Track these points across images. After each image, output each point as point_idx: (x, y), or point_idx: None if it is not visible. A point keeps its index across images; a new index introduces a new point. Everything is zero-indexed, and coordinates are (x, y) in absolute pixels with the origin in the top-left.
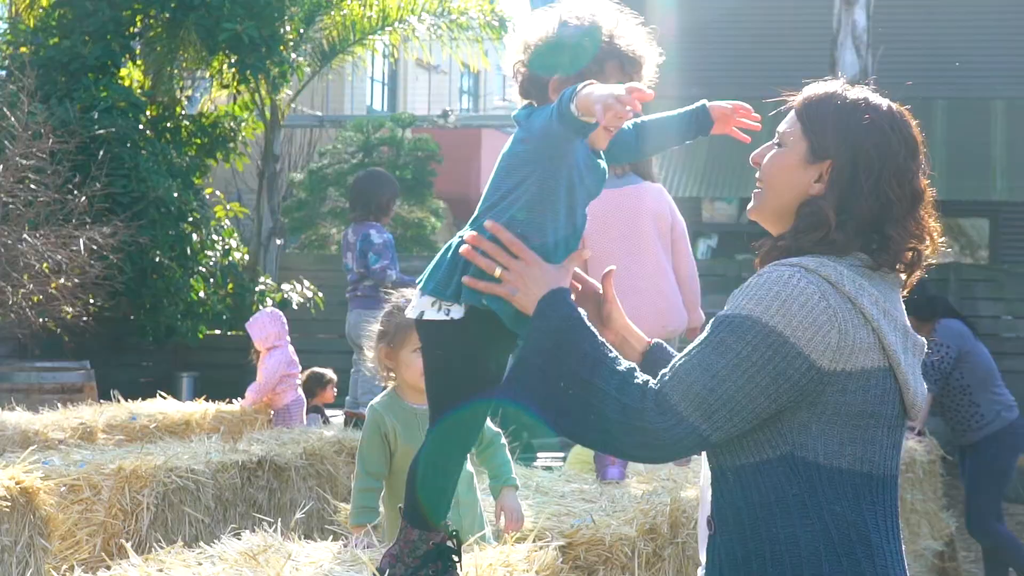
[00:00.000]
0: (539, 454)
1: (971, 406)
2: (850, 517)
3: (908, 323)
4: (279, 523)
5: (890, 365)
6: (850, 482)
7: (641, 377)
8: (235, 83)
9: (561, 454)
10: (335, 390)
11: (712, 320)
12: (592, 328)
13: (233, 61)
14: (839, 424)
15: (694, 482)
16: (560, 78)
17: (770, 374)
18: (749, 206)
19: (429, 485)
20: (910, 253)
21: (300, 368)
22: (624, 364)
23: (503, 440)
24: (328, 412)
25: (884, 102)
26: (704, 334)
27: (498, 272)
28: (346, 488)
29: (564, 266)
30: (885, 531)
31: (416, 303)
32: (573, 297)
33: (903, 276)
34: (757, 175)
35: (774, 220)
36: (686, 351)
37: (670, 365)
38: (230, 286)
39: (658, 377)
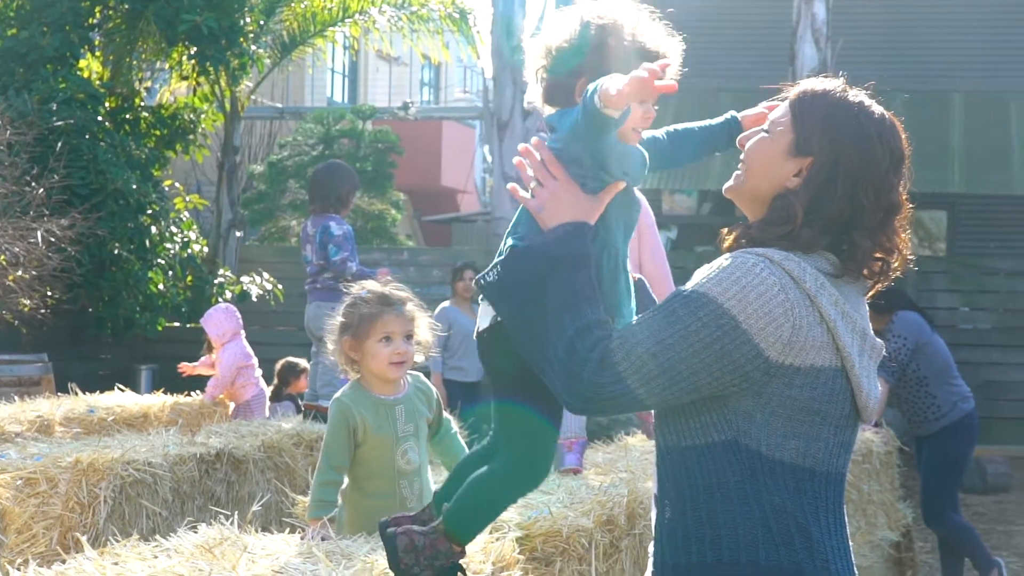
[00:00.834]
0: None
1: (928, 397)
2: (789, 509)
3: (868, 326)
4: (235, 516)
5: (843, 366)
6: (791, 475)
7: (605, 331)
8: (195, 74)
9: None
10: None
11: (671, 292)
12: (591, 273)
13: (193, 52)
14: (783, 417)
15: (652, 474)
16: (587, 80)
17: (716, 353)
18: (727, 184)
19: (483, 511)
20: (878, 263)
21: (256, 360)
22: (598, 315)
23: (454, 428)
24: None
25: (878, 110)
26: (662, 302)
27: (532, 186)
28: (304, 481)
29: (599, 197)
30: (827, 526)
31: (482, 311)
32: None
33: (868, 282)
34: (741, 156)
35: (748, 203)
36: (640, 316)
37: (625, 325)
38: (189, 278)
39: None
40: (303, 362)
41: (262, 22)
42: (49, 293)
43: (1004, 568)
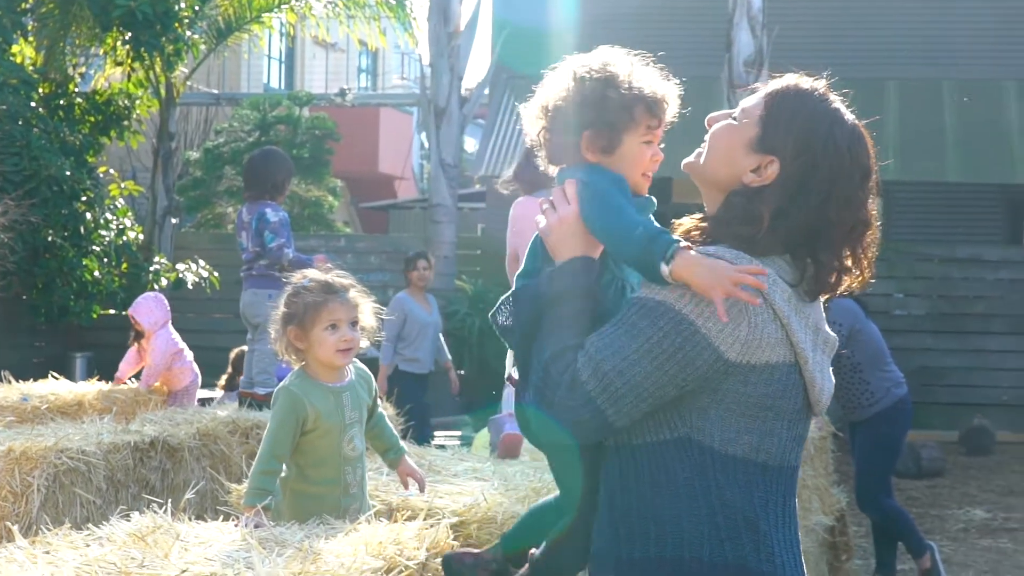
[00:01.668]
0: (435, 433)
1: (861, 383)
2: (738, 504)
3: (821, 320)
4: (169, 504)
5: (797, 361)
6: (743, 470)
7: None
8: (129, 60)
9: (457, 433)
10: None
11: (628, 299)
12: (585, 305)
13: (127, 38)
14: (738, 413)
15: None
16: (591, 133)
17: (679, 362)
18: (686, 160)
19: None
20: (833, 276)
21: (186, 346)
22: (578, 340)
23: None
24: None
25: (850, 120)
26: (620, 313)
27: (544, 208)
28: (240, 468)
29: None
30: (776, 520)
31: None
32: None
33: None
34: (706, 135)
35: (702, 184)
36: (603, 329)
37: (589, 339)
38: (124, 265)
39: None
40: None
41: (197, 7)
42: None
43: (937, 552)
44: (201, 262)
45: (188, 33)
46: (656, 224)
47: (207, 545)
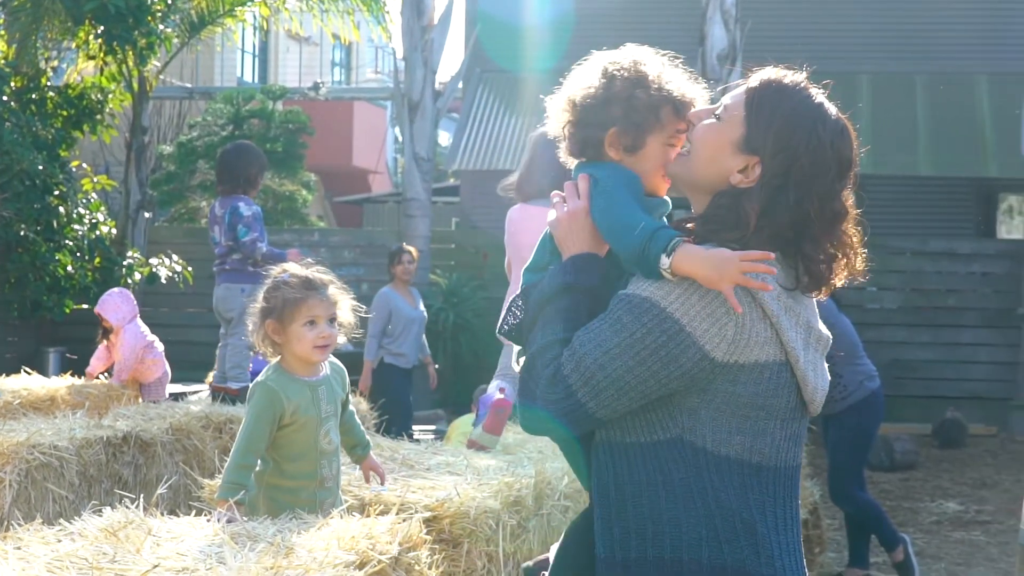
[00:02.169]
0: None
1: (834, 377)
2: (735, 506)
3: (813, 318)
4: (141, 499)
5: (788, 360)
6: (737, 471)
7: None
8: (102, 54)
9: (431, 427)
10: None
11: (615, 296)
12: (584, 301)
13: (99, 32)
14: (728, 413)
15: (561, 453)
16: (617, 131)
17: (662, 359)
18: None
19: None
20: (822, 267)
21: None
22: (568, 335)
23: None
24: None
25: (833, 113)
26: (608, 309)
27: (555, 200)
28: (213, 463)
29: None
30: (774, 522)
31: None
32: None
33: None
34: (688, 135)
35: (687, 186)
36: (589, 324)
37: (576, 334)
38: (97, 260)
39: None
40: None
41: (170, 1)
42: None
43: (910, 544)
44: (175, 257)
45: (161, 27)
46: (659, 221)
47: (179, 540)
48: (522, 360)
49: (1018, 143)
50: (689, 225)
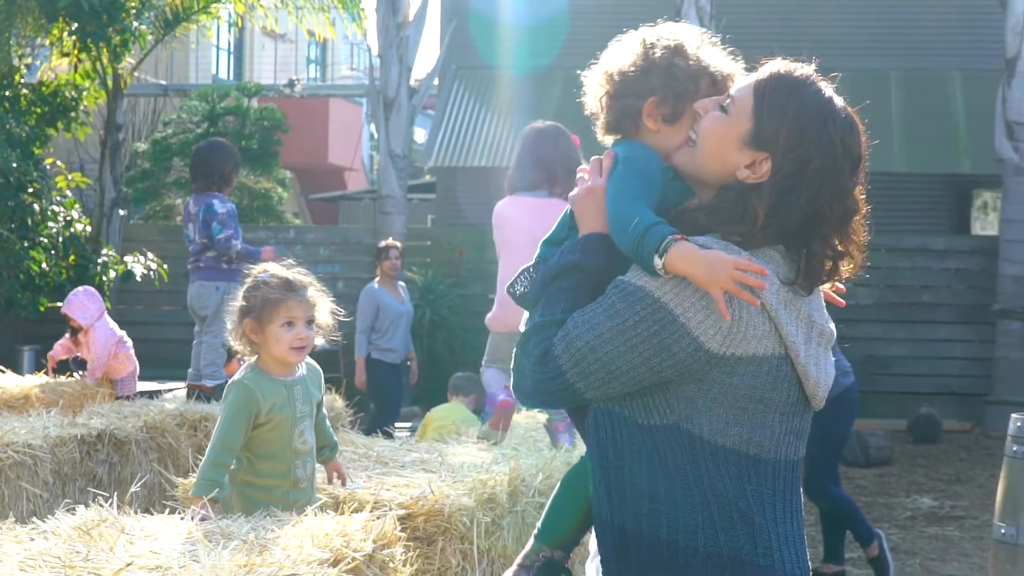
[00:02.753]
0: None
1: None
2: (731, 495)
3: (816, 312)
4: (115, 497)
5: (788, 354)
6: (734, 461)
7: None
8: (76, 51)
9: (408, 424)
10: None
11: (613, 281)
12: (591, 281)
13: (73, 29)
14: (725, 404)
15: (535, 449)
16: (656, 100)
17: (654, 347)
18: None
19: (562, 514)
20: (828, 264)
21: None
22: (565, 316)
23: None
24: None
25: (842, 108)
26: (604, 294)
27: (578, 176)
28: (188, 461)
29: None
30: (772, 514)
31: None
32: None
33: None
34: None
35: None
36: (584, 308)
37: (571, 316)
38: (72, 258)
39: None
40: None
41: None
42: None
43: (884, 540)
44: (149, 254)
45: (135, 24)
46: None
47: (153, 538)
48: (522, 328)
49: (992, 139)
50: (693, 213)
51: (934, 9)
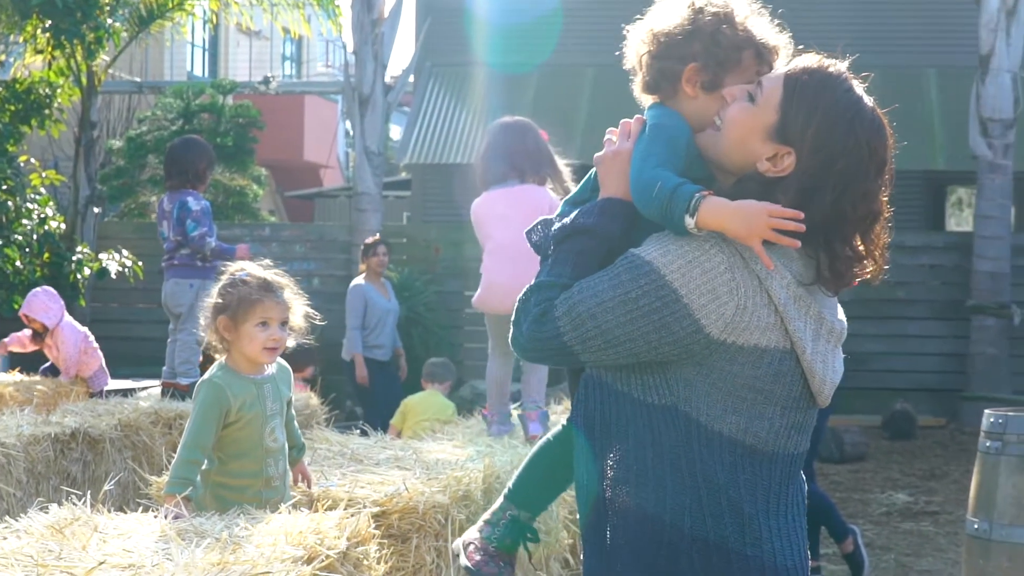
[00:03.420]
0: (362, 422)
1: None
2: (721, 482)
3: (827, 309)
4: (88, 495)
5: (793, 349)
6: (728, 449)
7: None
8: (49, 48)
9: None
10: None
11: (624, 253)
12: (602, 247)
13: (47, 26)
14: (724, 391)
15: (510, 447)
16: (698, 66)
17: (653, 323)
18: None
19: (535, 477)
20: (850, 265)
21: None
22: (570, 281)
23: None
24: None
25: (870, 108)
26: (611, 265)
27: (606, 138)
28: (162, 460)
29: None
30: (765, 505)
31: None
32: None
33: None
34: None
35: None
36: (591, 275)
37: (576, 282)
38: (46, 255)
39: None
40: None
41: None
42: None
43: (859, 535)
44: (124, 251)
45: (109, 20)
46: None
47: (126, 537)
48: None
49: (966, 136)
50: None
51: (909, 7)
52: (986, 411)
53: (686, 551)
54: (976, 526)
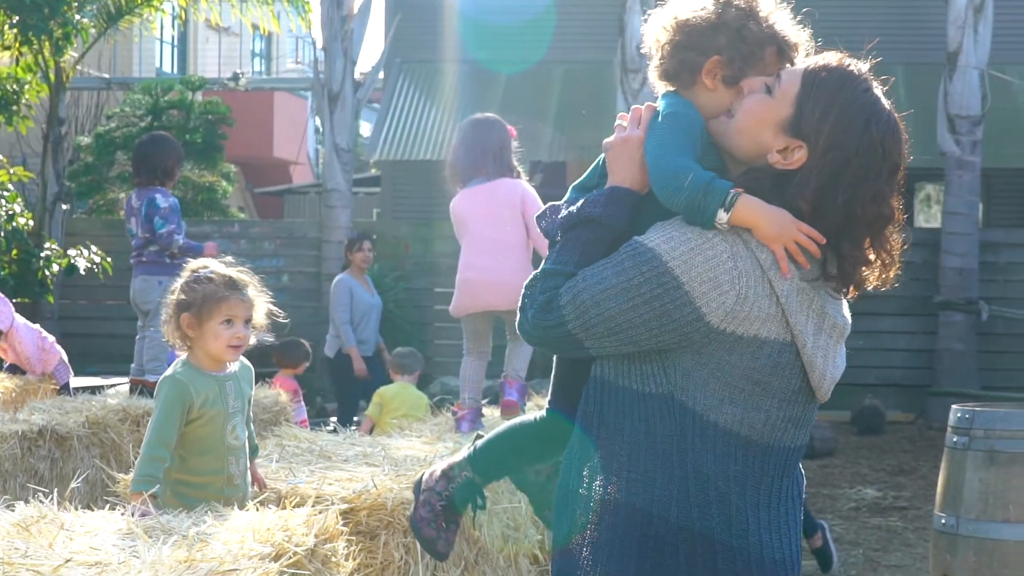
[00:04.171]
0: (331, 419)
1: None
2: (711, 473)
3: (831, 305)
4: (55, 493)
5: (795, 342)
6: (723, 440)
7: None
8: (17, 44)
9: (355, 418)
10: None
11: (628, 240)
12: (608, 237)
13: (14, 22)
14: (722, 380)
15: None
16: (721, 60)
17: (655, 310)
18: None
19: (502, 447)
20: (859, 267)
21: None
22: (575, 270)
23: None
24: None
25: (887, 110)
26: (615, 252)
27: (616, 123)
28: (131, 457)
29: None
30: (755, 498)
31: None
32: None
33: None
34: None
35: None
36: (596, 263)
37: (581, 270)
38: (15, 252)
39: None
40: None
41: None
42: None
43: (828, 530)
44: (93, 248)
45: (77, 17)
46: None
47: (93, 534)
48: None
49: (934, 133)
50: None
51: (877, 4)
52: (953, 406)
53: (672, 541)
54: (943, 521)
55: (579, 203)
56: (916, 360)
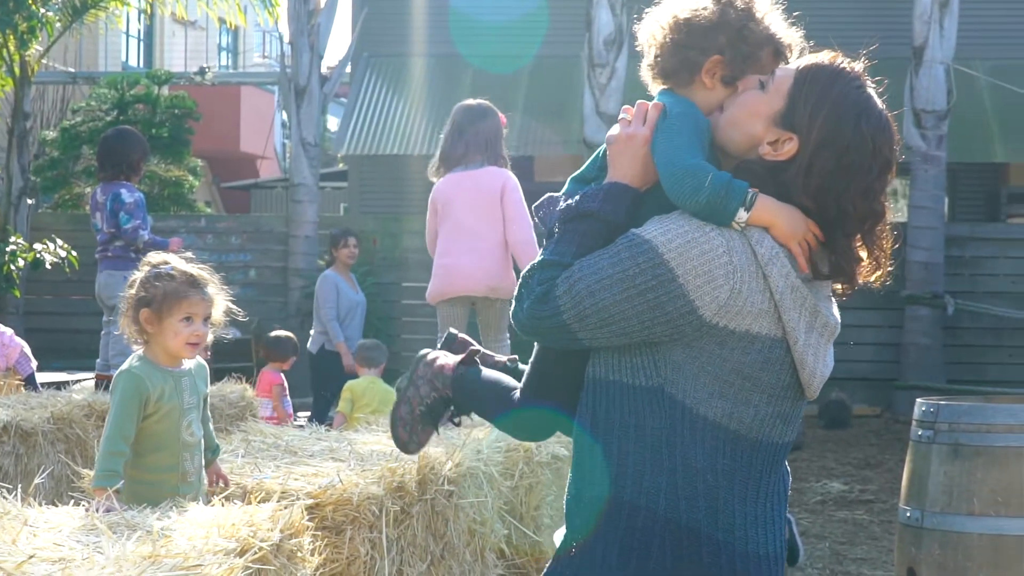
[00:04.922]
0: (299, 413)
1: None
2: (700, 467)
3: (823, 304)
4: (19, 489)
5: (785, 338)
6: (711, 434)
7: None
8: None
9: (330, 413)
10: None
11: (625, 233)
12: (606, 231)
13: None
14: (712, 374)
15: (444, 438)
16: (721, 60)
17: (649, 302)
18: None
19: (484, 394)
20: (850, 264)
21: None
22: (572, 261)
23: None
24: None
25: (879, 108)
26: (612, 243)
27: (620, 117)
28: (95, 452)
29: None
30: (743, 492)
31: None
32: None
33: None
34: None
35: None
36: (592, 254)
37: (577, 261)
38: None
39: None
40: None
41: None
42: None
43: (795, 524)
44: (59, 242)
45: (42, 10)
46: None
47: (57, 530)
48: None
49: (900, 127)
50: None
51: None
52: (918, 400)
53: (659, 534)
54: (908, 514)
55: (578, 196)
56: (882, 354)
